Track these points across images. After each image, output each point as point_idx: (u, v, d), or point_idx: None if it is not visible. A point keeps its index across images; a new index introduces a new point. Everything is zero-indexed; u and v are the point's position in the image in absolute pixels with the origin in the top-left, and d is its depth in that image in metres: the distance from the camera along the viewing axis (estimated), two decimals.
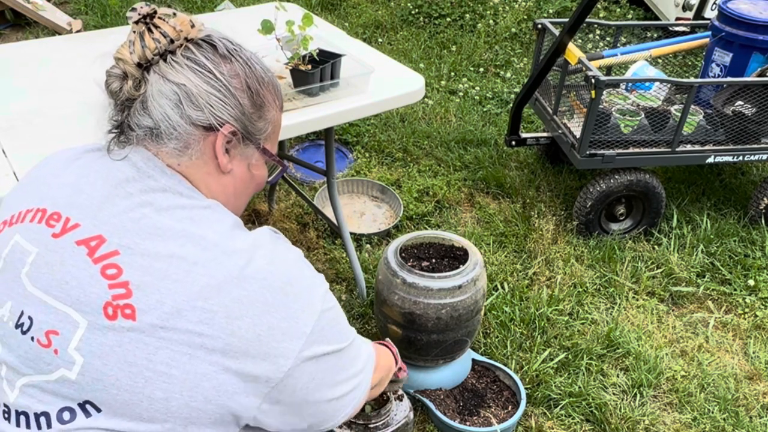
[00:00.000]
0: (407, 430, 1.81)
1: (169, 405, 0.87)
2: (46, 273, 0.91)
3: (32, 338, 0.90)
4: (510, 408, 2.04)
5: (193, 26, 0.99)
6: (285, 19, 1.86)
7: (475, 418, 2.01)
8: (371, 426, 1.74)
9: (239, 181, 1.07)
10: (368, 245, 2.74)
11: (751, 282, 2.63)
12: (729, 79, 2.83)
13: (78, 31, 4.44)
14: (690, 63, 3.56)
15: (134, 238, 0.91)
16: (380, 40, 4.59)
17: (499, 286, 2.54)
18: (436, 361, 2.02)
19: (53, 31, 4.44)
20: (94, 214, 0.93)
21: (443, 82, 4.05)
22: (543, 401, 2.12)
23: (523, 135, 3.08)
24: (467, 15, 4.76)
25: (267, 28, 1.81)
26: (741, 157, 2.80)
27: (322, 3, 4.94)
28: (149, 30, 0.96)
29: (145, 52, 0.95)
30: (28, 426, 0.89)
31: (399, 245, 2.00)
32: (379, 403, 1.81)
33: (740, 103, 2.78)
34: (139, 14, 0.97)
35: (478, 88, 4.02)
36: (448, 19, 4.74)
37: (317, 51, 1.87)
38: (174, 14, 0.99)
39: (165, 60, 0.96)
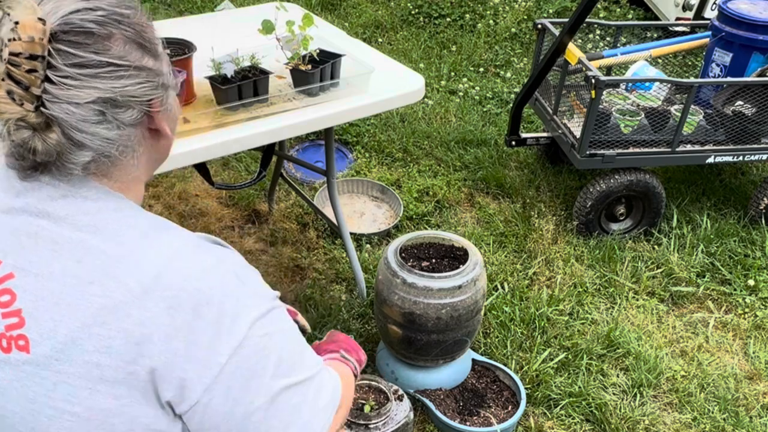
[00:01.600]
0: (407, 430, 1.82)
1: None
2: None
3: None
4: (510, 408, 2.04)
5: (40, 20, 0.75)
6: (285, 19, 1.86)
7: (475, 418, 2.01)
8: (371, 426, 1.74)
9: (168, 135, 0.94)
10: (368, 245, 2.74)
11: (751, 282, 2.63)
12: (729, 79, 2.83)
13: None
14: (690, 63, 3.56)
15: (30, 256, 0.81)
16: (380, 40, 4.59)
17: (499, 286, 2.54)
18: (436, 361, 2.02)
19: None
20: None
21: (443, 82, 4.05)
22: (543, 401, 2.12)
23: (523, 135, 3.08)
24: (467, 15, 4.76)
25: (267, 28, 1.81)
26: (741, 157, 2.80)
27: (322, 3, 4.94)
28: (12, 65, 0.75)
29: (32, 91, 0.76)
30: None
31: (399, 245, 2.00)
32: (379, 403, 1.81)
33: (740, 103, 2.78)
34: None
35: (478, 88, 4.02)
36: (448, 19, 4.74)
37: (317, 51, 1.87)
38: (10, 20, 0.75)
39: (52, 82, 0.77)
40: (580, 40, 4.30)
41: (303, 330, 1.50)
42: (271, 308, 0.87)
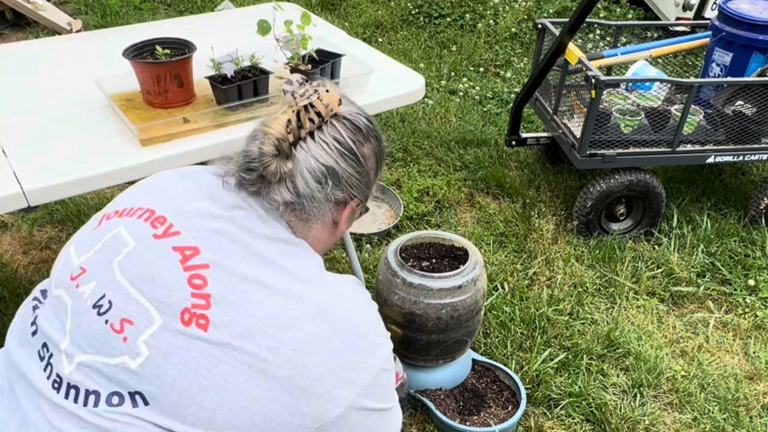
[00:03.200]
0: (402, 389, 1.85)
1: (215, 416, 0.89)
2: (137, 267, 0.95)
3: (106, 321, 0.93)
4: (510, 408, 2.04)
5: (340, 103, 1.06)
6: (284, 19, 1.86)
7: (475, 418, 2.01)
8: None
9: (340, 231, 1.16)
10: (368, 245, 2.74)
11: (752, 282, 2.63)
12: (729, 79, 2.83)
13: (78, 31, 4.44)
14: (690, 63, 3.56)
15: (226, 257, 0.95)
16: (380, 40, 4.59)
17: (499, 286, 2.54)
18: (436, 361, 2.02)
19: (53, 31, 4.44)
20: (196, 227, 0.98)
21: (443, 82, 4.05)
22: (543, 401, 2.12)
23: (523, 135, 3.08)
24: (467, 15, 4.76)
25: (263, 29, 1.81)
26: (741, 157, 2.80)
27: (322, 3, 4.94)
28: (305, 109, 1.02)
29: (300, 131, 1.02)
30: (75, 400, 0.91)
31: (399, 245, 2.00)
32: None
33: (740, 103, 2.78)
34: (302, 95, 1.03)
35: (478, 88, 4.02)
36: (448, 19, 4.74)
37: (316, 50, 1.87)
38: (327, 90, 1.05)
39: (313, 138, 1.03)
40: (580, 40, 4.30)
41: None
42: (391, 348, 1.05)
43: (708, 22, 3.06)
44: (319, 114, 1.02)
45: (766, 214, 2.92)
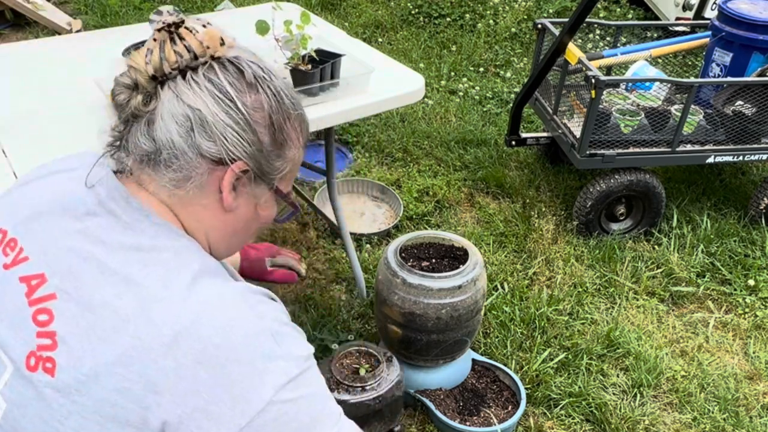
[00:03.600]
0: (399, 387, 1.87)
1: None
2: None
3: None
4: (510, 408, 2.04)
5: (222, 43, 0.89)
6: (284, 18, 1.86)
7: (475, 418, 2.01)
8: (368, 387, 1.81)
9: (241, 221, 0.96)
10: (368, 245, 2.74)
11: (751, 282, 2.63)
12: (729, 79, 2.83)
13: (78, 31, 4.44)
14: (690, 63, 3.56)
15: (75, 281, 0.82)
16: (380, 40, 4.59)
17: (499, 286, 2.54)
18: (436, 361, 2.02)
19: (53, 31, 4.44)
20: (45, 247, 0.86)
21: (443, 82, 4.05)
22: (543, 401, 2.12)
23: (523, 135, 3.08)
24: (467, 15, 4.76)
25: (262, 29, 1.81)
26: (741, 157, 2.80)
27: (322, 3, 4.94)
28: (172, 40, 0.86)
29: (163, 64, 0.85)
30: None
31: (399, 245, 2.00)
32: (372, 366, 1.88)
33: (740, 102, 2.78)
34: (164, 22, 0.86)
35: (478, 88, 4.02)
36: (448, 19, 4.74)
37: (316, 50, 1.87)
38: (204, 26, 0.89)
39: (183, 77, 0.86)
40: (580, 40, 4.30)
41: (299, 274, 1.66)
42: (302, 371, 0.85)
43: (708, 22, 3.06)
44: (190, 49, 0.85)
45: (766, 214, 2.92)
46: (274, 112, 0.91)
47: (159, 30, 0.87)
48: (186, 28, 0.87)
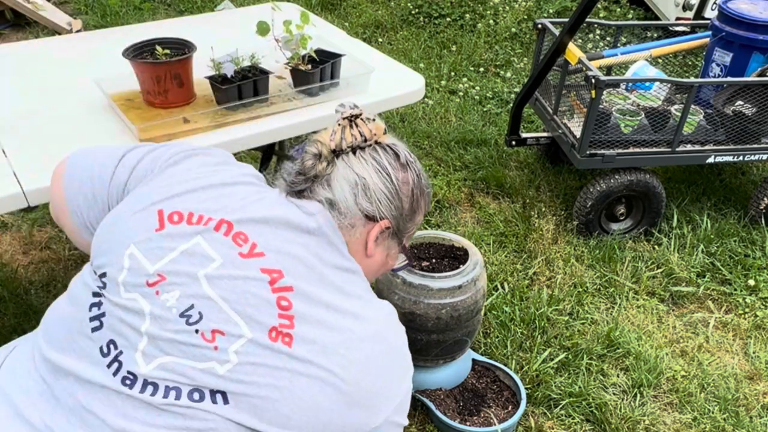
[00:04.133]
0: None
1: (290, 420, 1.00)
2: (229, 284, 1.03)
3: (196, 330, 1.01)
4: (510, 408, 2.04)
5: (384, 133, 1.19)
6: (284, 19, 1.86)
7: (475, 418, 2.01)
8: None
9: (374, 265, 1.24)
10: None
11: (752, 282, 2.63)
12: (729, 79, 2.83)
13: (78, 31, 4.45)
14: (690, 63, 3.56)
15: (305, 282, 1.05)
16: (380, 40, 4.59)
17: (499, 286, 2.54)
18: (436, 361, 2.02)
19: (53, 31, 4.44)
20: (278, 249, 1.07)
21: (443, 82, 4.05)
22: (543, 401, 2.12)
23: (523, 135, 3.08)
24: (467, 15, 4.76)
25: (262, 30, 1.81)
26: (741, 157, 2.80)
27: (322, 3, 4.94)
28: (350, 126, 1.16)
29: (342, 142, 1.15)
30: (153, 394, 0.98)
31: None
32: None
33: (740, 102, 2.78)
34: (349, 114, 1.17)
35: (478, 88, 4.02)
36: (448, 19, 4.74)
37: (316, 50, 1.87)
38: (373, 119, 1.19)
39: (354, 153, 1.16)
40: (580, 40, 4.30)
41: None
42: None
43: (708, 22, 3.06)
44: (362, 134, 1.16)
45: (766, 214, 2.92)
46: (416, 187, 1.21)
47: (343, 118, 1.17)
48: (362, 119, 1.17)
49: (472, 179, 3.18)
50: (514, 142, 3.07)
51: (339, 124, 1.17)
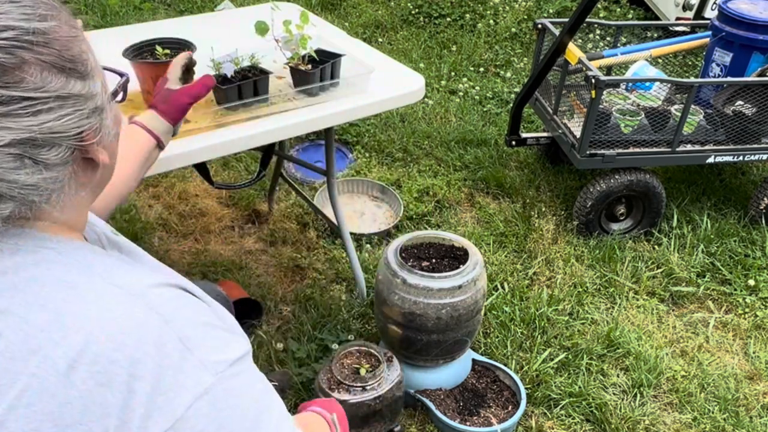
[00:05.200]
0: (400, 388, 1.88)
1: None
2: None
3: None
4: (510, 408, 2.04)
5: None
6: (284, 18, 1.86)
7: (475, 418, 2.01)
8: (368, 387, 1.81)
9: (113, 155, 0.84)
10: (368, 245, 2.74)
11: (752, 282, 2.63)
12: (729, 79, 2.83)
13: None
14: (690, 63, 3.56)
15: None
16: (380, 40, 4.59)
17: (499, 286, 2.54)
18: (436, 361, 2.02)
19: None
20: None
21: (443, 82, 4.05)
22: (543, 401, 2.12)
23: (523, 135, 3.08)
24: (467, 15, 4.76)
25: (261, 29, 1.81)
26: (741, 157, 2.80)
27: (322, 3, 4.94)
28: None
29: None
30: None
31: (399, 245, 2.00)
32: (373, 366, 1.88)
33: (740, 102, 2.78)
34: None
35: (478, 88, 4.02)
36: (448, 19, 4.74)
37: (316, 50, 1.87)
38: None
39: None
40: (580, 40, 4.30)
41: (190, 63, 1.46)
42: (222, 379, 0.75)
43: (708, 22, 3.06)
44: None
45: (766, 214, 2.92)
46: (58, 59, 0.72)
47: None
48: None
49: (472, 179, 3.18)
50: (514, 142, 3.07)
51: None
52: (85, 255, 0.78)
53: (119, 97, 0.89)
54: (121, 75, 0.90)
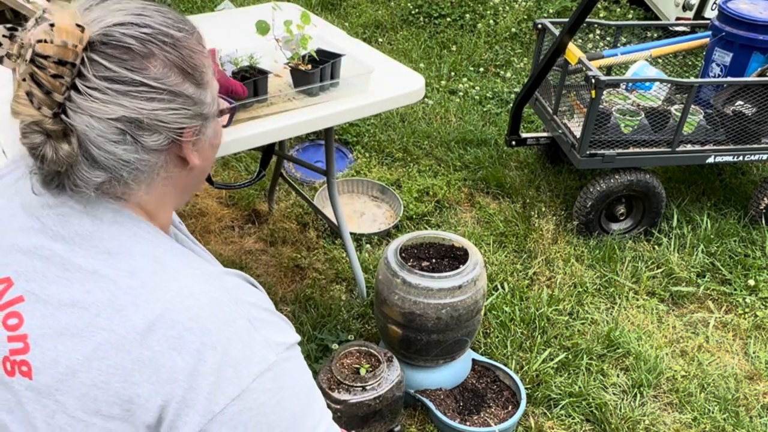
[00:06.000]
0: (400, 388, 1.88)
1: None
2: None
3: None
4: (510, 408, 2.04)
5: (79, 26, 0.74)
6: (284, 19, 1.86)
7: (475, 418, 2.01)
8: (368, 387, 1.81)
9: (206, 165, 0.92)
10: (368, 245, 2.74)
11: (752, 282, 2.63)
12: (729, 79, 2.83)
13: None
14: (690, 63, 3.56)
15: (41, 281, 0.79)
16: (380, 40, 4.59)
17: (499, 286, 2.54)
18: (436, 361, 2.02)
19: None
20: (7, 249, 0.82)
21: (443, 82, 4.05)
22: (543, 401, 2.12)
23: (523, 135, 3.08)
24: (467, 15, 4.76)
25: (262, 29, 1.81)
26: (741, 157, 2.80)
27: (322, 3, 4.94)
28: (37, 66, 0.72)
29: (53, 96, 0.74)
30: None
31: (399, 245, 2.00)
32: (373, 366, 1.88)
33: (740, 102, 2.78)
34: (9, 51, 0.76)
35: (478, 88, 4.02)
36: (448, 19, 4.74)
37: (315, 50, 1.87)
38: (46, 23, 0.73)
39: (79, 91, 0.75)
40: (580, 40, 4.30)
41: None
42: (282, 360, 0.81)
43: (708, 22, 3.06)
44: (62, 62, 0.72)
45: (766, 214, 2.92)
46: (181, 60, 0.81)
47: (15, 64, 0.76)
48: (38, 41, 0.72)
49: (472, 179, 3.18)
50: (514, 142, 3.07)
51: (20, 76, 0.74)
52: (169, 241, 0.87)
53: (225, 121, 0.96)
54: (231, 103, 0.97)
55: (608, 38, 4.35)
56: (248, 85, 1.76)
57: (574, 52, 2.66)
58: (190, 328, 0.76)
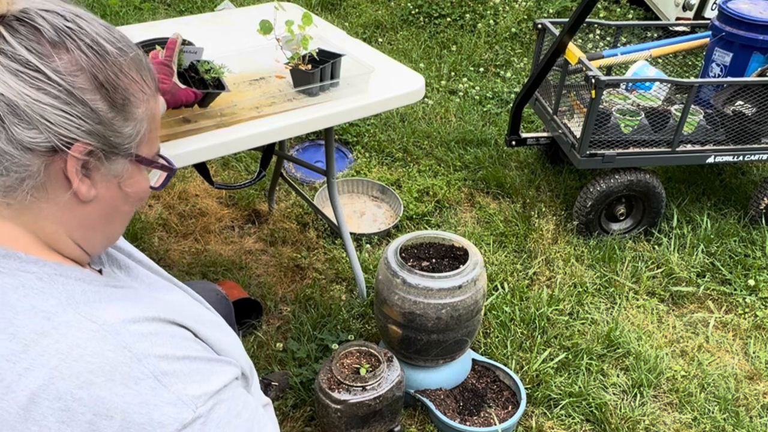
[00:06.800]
0: (400, 387, 1.88)
1: None
2: None
3: None
4: (510, 408, 2.04)
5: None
6: (285, 18, 1.86)
7: (475, 418, 2.01)
8: (368, 387, 1.81)
9: (108, 206, 0.79)
10: (368, 245, 2.74)
11: (752, 282, 2.63)
12: (729, 79, 2.83)
13: None
14: (690, 63, 3.56)
15: None
16: (380, 40, 4.59)
17: (499, 286, 2.54)
18: (436, 361, 2.02)
19: None
20: None
21: (443, 82, 4.05)
22: (543, 401, 2.12)
23: (523, 135, 3.08)
24: (467, 15, 4.76)
25: (265, 28, 1.81)
26: (741, 157, 2.80)
27: (322, 3, 4.94)
28: None
29: None
30: None
31: (399, 245, 2.00)
32: (373, 366, 1.88)
33: (740, 102, 2.78)
34: None
35: (478, 88, 4.02)
36: (448, 19, 4.74)
37: (317, 50, 1.87)
38: None
39: None
40: (580, 40, 4.30)
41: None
42: (205, 412, 0.73)
43: (708, 22, 3.06)
44: None
45: (766, 214, 2.92)
46: (98, 70, 0.71)
47: None
48: None
49: (472, 179, 3.18)
50: (514, 142, 3.07)
51: None
52: (66, 283, 0.74)
53: (157, 183, 0.86)
54: (170, 165, 0.85)
55: (608, 38, 4.35)
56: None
57: (574, 52, 2.66)
58: (80, 398, 0.67)
